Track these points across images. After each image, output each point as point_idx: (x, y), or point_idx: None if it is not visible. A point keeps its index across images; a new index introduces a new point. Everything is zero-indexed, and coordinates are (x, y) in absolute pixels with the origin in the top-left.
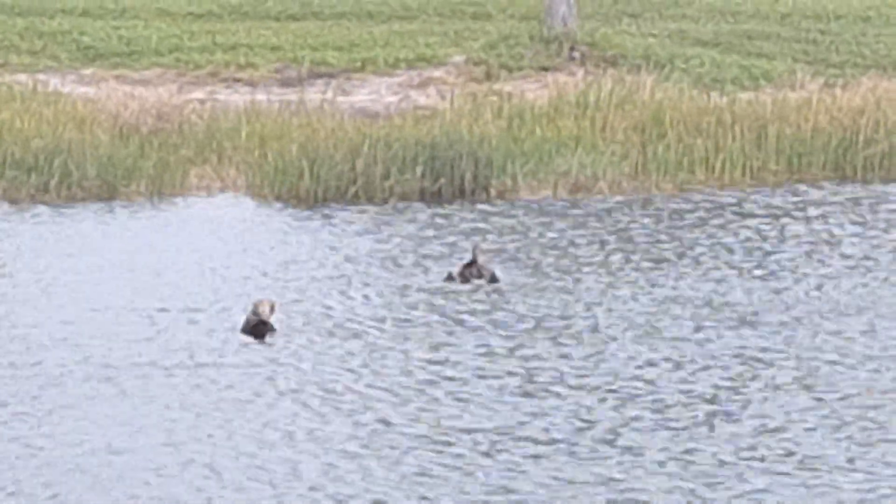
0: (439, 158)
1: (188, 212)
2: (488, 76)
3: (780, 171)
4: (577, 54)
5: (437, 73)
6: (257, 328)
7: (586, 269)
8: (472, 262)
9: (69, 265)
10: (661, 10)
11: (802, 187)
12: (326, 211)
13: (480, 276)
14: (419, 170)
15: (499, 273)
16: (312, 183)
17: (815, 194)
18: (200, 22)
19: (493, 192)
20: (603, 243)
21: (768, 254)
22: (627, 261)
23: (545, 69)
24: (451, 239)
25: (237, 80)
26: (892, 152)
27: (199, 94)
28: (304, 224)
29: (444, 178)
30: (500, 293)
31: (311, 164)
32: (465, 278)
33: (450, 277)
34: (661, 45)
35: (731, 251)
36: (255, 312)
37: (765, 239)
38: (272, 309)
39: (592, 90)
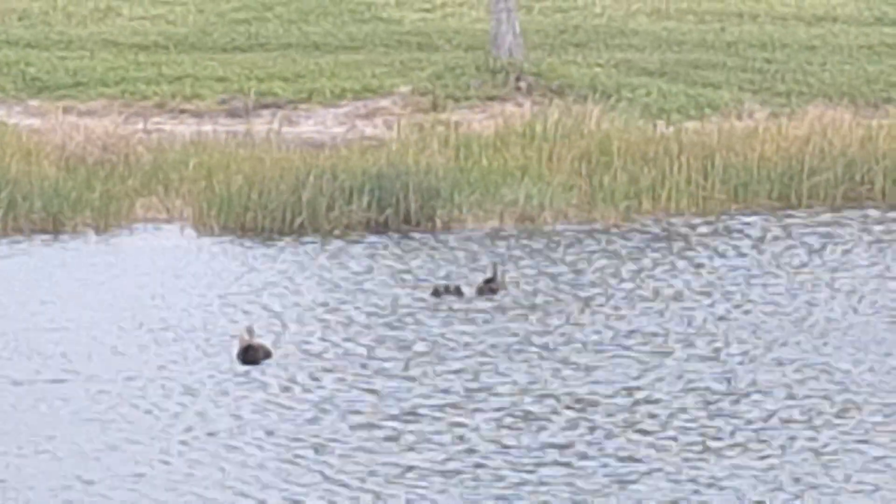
0: (385, 189)
1: (134, 243)
2: (434, 106)
3: (726, 199)
4: (523, 84)
5: (384, 104)
6: (249, 353)
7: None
8: (492, 279)
9: (15, 297)
10: (606, 40)
11: (748, 216)
12: (272, 241)
13: (497, 291)
14: (365, 200)
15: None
16: (258, 214)
17: (761, 223)
18: (146, 53)
19: (438, 222)
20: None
21: (713, 281)
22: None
23: (491, 99)
24: (400, 267)
25: (183, 111)
26: (837, 181)
27: (145, 125)
28: (250, 255)
29: (391, 209)
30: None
31: (257, 195)
32: (492, 291)
33: (435, 292)
34: (608, 74)
35: (674, 279)
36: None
37: (709, 267)
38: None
39: (539, 120)
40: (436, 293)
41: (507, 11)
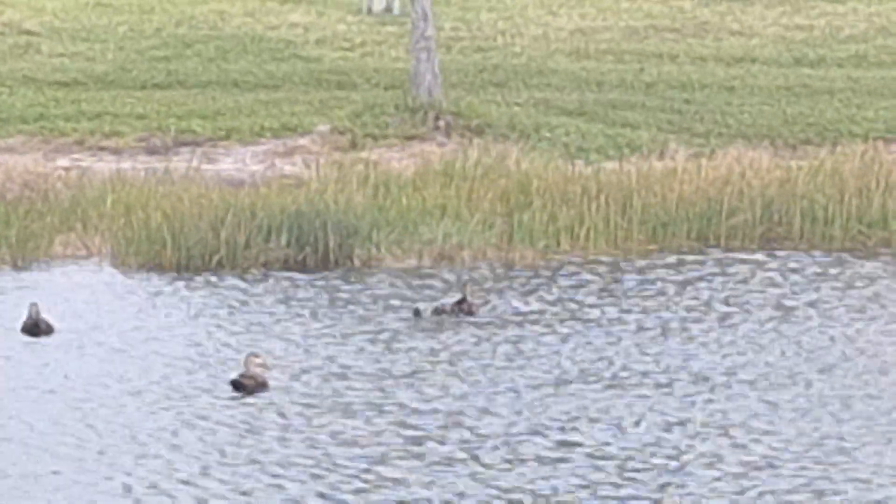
0: (304, 227)
1: (52, 279)
2: (353, 145)
3: (645, 239)
4: (442, 123)
5: (303, 142)
6: (240, 382)
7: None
8: (463, 300)
9: None
10: (526, 80)
11: (666, 256)
12: (189, 279)
13: (471, 312)
14: (284, 238)
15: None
16: (175, 251)
17: (679, 263)
18: (66, 90)
19: (357, 260)
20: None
21: (627, 320)
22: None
23: (411, 138)
24: (318, 306)
25: (102, 149)
26: (756, 222)
27: (64, 161)
28: (167, 291)
29: (309, 247)
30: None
31: (175, 233)
32: (466, 312)
33: (416, 313)
34: (527, 114)
35: (588, 318)
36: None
37: (622, 304)
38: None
39: (458, 159)
40: (416, 313)
41: (426, 51)
